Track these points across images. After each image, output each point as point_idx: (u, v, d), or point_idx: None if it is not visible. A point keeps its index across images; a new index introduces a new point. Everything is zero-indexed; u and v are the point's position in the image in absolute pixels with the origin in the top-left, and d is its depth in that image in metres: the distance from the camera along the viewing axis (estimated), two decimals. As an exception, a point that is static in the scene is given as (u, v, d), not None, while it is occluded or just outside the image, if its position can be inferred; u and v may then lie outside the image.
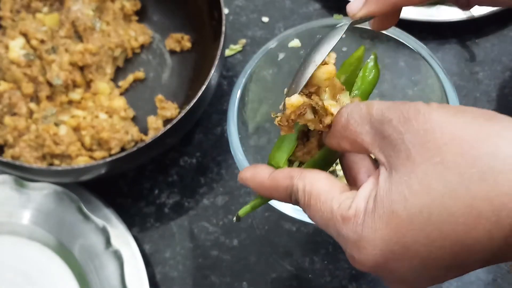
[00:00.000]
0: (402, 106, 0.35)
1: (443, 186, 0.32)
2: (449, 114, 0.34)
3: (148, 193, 0.69)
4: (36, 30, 0.69)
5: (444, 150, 0.33)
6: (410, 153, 0.34)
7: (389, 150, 0.35)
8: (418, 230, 0.33)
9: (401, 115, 0.35)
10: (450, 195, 0.32)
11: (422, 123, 0.34)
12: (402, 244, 0.34)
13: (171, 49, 0.75)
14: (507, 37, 0.74)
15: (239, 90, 0.57)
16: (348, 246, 0.36)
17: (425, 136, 0.33)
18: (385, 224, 0.34)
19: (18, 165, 0.60)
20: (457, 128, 0.33)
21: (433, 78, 0.57)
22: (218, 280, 0.64)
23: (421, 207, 0.33)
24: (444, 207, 0.32)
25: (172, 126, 0.60)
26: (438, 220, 0.33)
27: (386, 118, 0.35)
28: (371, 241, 0.35)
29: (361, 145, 0.37)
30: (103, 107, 0.69)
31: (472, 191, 0.32)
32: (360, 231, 0.35)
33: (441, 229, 0.33)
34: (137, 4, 0.76)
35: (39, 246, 0.63)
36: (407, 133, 0.34)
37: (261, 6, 0.78)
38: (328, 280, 0.64)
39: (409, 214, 0.33)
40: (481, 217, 0.32)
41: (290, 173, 0.40)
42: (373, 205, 0.35)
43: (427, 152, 0.33)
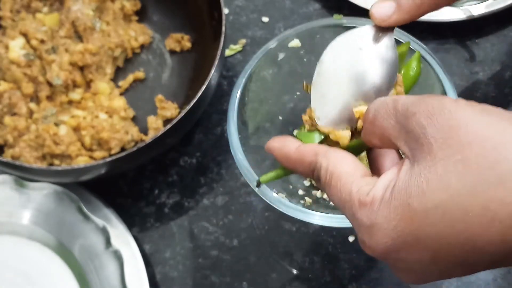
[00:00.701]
0: (428, 100, 0.35)
1: (462, 184, 0.32)
2: (475, 113, 0.34)
3: (148, 193, 0.69)
4: (36, 30, 0.69)
5: (466, 148, 0.33)
6: (432, 147, 0.34)
7: (412, 143, 0.35)
8: (431, 225, 0.33)
9: (426, 109, 0.35)
10: (467, 194, 0.32)
11: (447, 119, 0.34)
12: (414, 236, 0.34)
13: (171, 49, 0.75)
14: (507, 37, 0.74)
15: (239, 90, 0.57)
16: (360, 230, 0.37)
17: (449, 132, 0.33)
18: (399, 215, 0.34)
19: (18, 165, 0.60)
20: (481, 128, 0.33)
21: (433, 78, 0.57)
22: (218, 280, 0.64)
23: (437, 203, 0.33)
24: (460, 206, 0.32)
25: (172, 126, 0.60)
26: (453, 217, 0.33)
27: (410, 112, 0.35)
28: (383, 229, 0.35)
29: (388, 139, 0.38)
30: (103, 107, 0.69)
31: (490, 193, 0.32)
32: (374, 218, 0.35)
33: (455, 227, 0.33)
34: (137, 4, 0.76)
35: (39, 246, 0.63)
36: (430, 127, 0.34)
37: (261, 6, 0.78)
38: (328, 280, 0.64)
39: (425, 208, 0.33)
40: (495, 220, 0.32)
41: (316, 150, 0.41)
42: (390, 194, 0.35)
43: (449, 149, 0.33)
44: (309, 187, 0.63)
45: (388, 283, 0.63)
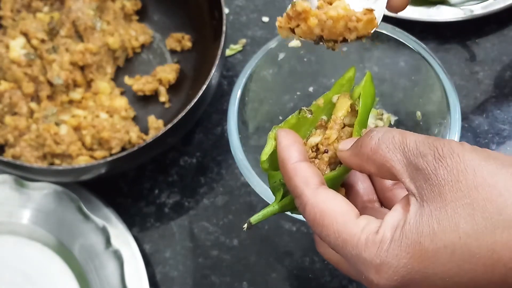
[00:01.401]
0: (437, 143, 0.37)
1: (470, 227, 0.34)
2: (481, 158, 0.36)
3: (148, 193, 0.69)
4: (36, 29, 0.69)
5: (474, 193, 0.35)
6: (443, 189, 0.35)
7: (421, 182, 0.36)
8: (439, 264, 0.35)
9: (436, 152, 0.36)
10: (475, 237, 0.34)
11: (456, 163, 0.35)
12: (422, 274, 0.36)
13: (172, 49, 0.75)
14: (507, 37, 0.74)
15: (239, 90, 0.57)
16: (367, 269, 0.37)
17: (457, 175, 0.35)
18: (411, 253, 0.36)
19: (19, 164, 0.60)
20: (488, 174, 0.35)
21: (433, 78, 0.57)
22: (218, 280, 0.64)
23: (446, 243, 0.35)
24: (468, 247, 0.34)
25: (172, 126, 0.60)
26: (460, 258, 0.35)
27: (422, 152, 0.37)
28: (393, 267, 0.36)
29: (389, 171, 0.38)
30: (103, 106, 0.69)
31: (496, 237, 0.34)
32: (384, 256, 0.36)
33: (461, 267, 0.35)
34: (137, 4, 0.76)
35: (39, 246, 0.63)
36: (441, 170, 0.36)
37: (261, 6, 0.78)
38: (328, 280, 0.64)
39: (435, 248, 0.35)
40: (499, 262, 0.34)
41: (308, 179, 0.41)
42: (400, 233, 0.36)
43: (458, 192, 0.35)
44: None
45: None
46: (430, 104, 0.59)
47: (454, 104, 0.55)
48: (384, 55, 0.61)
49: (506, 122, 0.70)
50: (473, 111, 0.70)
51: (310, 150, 0.45)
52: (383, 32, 0.58)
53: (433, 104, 0.58)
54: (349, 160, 0.42)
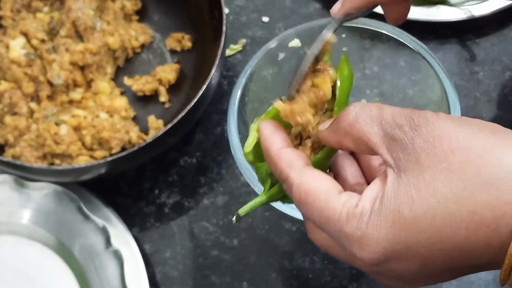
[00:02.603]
0: (412, 114, 0.37)
1: (449, 191, 0.34)
2: (456, 124, 0.35)
3: (148, 193, 0.69)
4: (36, 29, 0.69)
5: (450, 156, 0.34)
6: (420, 157, 0.35)
7: (398, 152, 0.36)
8: (421, 232, 0.34)
9: (412, 121, 0.36)
10: (455, 200, 0.34)
11: (431, 131, 0.35)
12: (404, 244, 0.35)
13: (172, 49, 0.75)
14: (507, 37, 0.74)
15: (239, 90, 0.57)
16: (350, 243, 0.37)
17: (433, 142, 0.35)
18: (390, 223, 0.35)
19: (19, 164, 0.60)
20: (464, 138, 0.35)
21: (433, 78, 0.57)
22: (218, 280, 0.64)
23: (426, 209, 0.34)
24: (448, 211, 0.34)
25: (172, 126, 0.60)
26: (441, 223, 0.34)
27: (398, 123, 0.37)
28: (374, 239, 0.36)
29: (366, 144, 0.38)
30: (103, 106, 0.69)
31: (476, 198, 0.33)
32: (365, 228, 0.36)
33: (443, 232, 0.34)
34: (137, 4, 0.76)
35: (39, 246, 0.63)
36: (417, 139, 0.35)
37: (261, 6, 0.78)
38: (328, 280, 0.64)
39: (415, 215, 0.34)
40: (482, 224, 0.33)
41: (293, 162, 0.41)
42: (379, 204, 0.36)
43: (434, 157, 0.34)
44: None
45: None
46: (430, 104, 0.59)
47: (454, 104, 0.55)
48: (384, 55, 0.61)
49: (506, 122, 0.70)
50: (473, 111, 0.70)
51: (294, 138, 0.45)
52: (383, 32, 0.58)
53: (433, 104, 0.58)
54: (328, 138, 0.41)
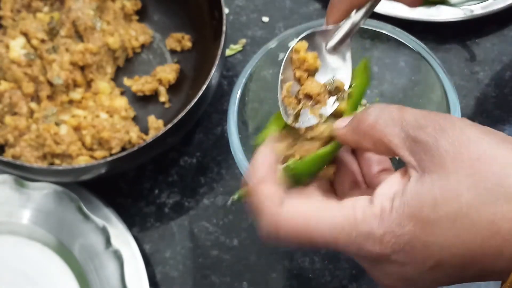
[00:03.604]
0: (438, 117, 0.37)
1: (472, 197, 0.34)
2: (482, 132, 0.36)
3: (148, 193, 0.69)
4: (36, 29, 0.69)
5: (476, 164, 0.35)
6: (445, 160, 0.36)
7: (421, 154, 0.37)
8: (440, 234, 0.35)
9: (437, 124, 0.37)
10: (477, 207, 0.34)
11: (458, 135, 0.36)
12: (423, 242, 0.36)
13: (172, 49, 0.75)
14: (507, 37, 0.74)
15: (239, 90, 0.57)
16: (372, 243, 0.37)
17: (459, 147, 0.36)
18: (413, 221, 0.36)
19: (19, 164, 0.60)
20: (489, 146, 0.35)
21: (433, 78, 0.57)
22: (218, 280, 0.64)
23: (448, 212, 0.35)
24: (469, 217, 0.35)
25: (172, 126, 0.60)
26: (461, 227, 0.35)
27: (422, 124, 0.37)
28: (397, 235, 0.36)
29: (386, 146, 0.39)
30: (103, 106, 0.69)
31: (497, 208, 0.34)
32: (388, 226, 0.36)
33: (461, 237, 0.35)
34: (137, 4, 0.76)
35: (39, 246, 0.63)
36: (442, 141, 0.36)
37: (261, 6, 0.78)
38: (328, 280, 0.64)
39: (437, 216, 0.35)
40: (498, 233, 0.34)
41: (272, 196, 0.40)
42: (400, 202, 0.36)
43: (461, 163, 0.35)
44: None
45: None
46: (430, 104, 0.59)
47: (454, 104, 0.55)
48: (384, 55, 0.61)
49: (506, 122, 0.70)
50: (473, 111, 0.70)
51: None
52: (383, 32, 0.58)
53: (433, 104, 0.58)
54: (345, 137, 0.42)
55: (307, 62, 0.45)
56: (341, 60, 0.47)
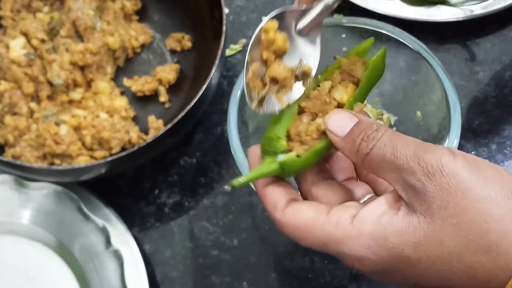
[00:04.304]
0: (427, 158, 0.37)
1: (453, 246, 0.37)
2: (472, 179, 0.37)
3: (148, 193, 0.69)
4: (36, 29, 0.69)
5: (461, 215, 0.36)
6: (432, 206, 0.37)
7: (411, 195, 0.38)
8: (418, 272, 0.38)
9: (425, 168, 0.37)
10: (457, 255, 0.37)
11: (445, 183, 0.37)
12: (400, 273, 0.39)
13: (172, 49, 0.75)
14: (507, 37, 0.74)
15: (239, 90, 0.57)
16: (350, 261, 0.40)
17: (446, 195, 0.37)
18: (391, 256, 0.38)
19: (19, 164, 0.60)
20: (476, 199, 0.36)
21: (433, 78, 0.57)
22: (218, 280, 0.64)
23: (429, 255, 0.37)
24: (448, 262, 0.37)
25: (172, 126, 0.60)
26: (440, 269, 0.37)
27: (412, 168, 0.38)
28: (375, 263, 0.39)
29: (382, 175, 0.40)
30: (103, 106, 0.69)
31: (476, 257, 0.36)
32: (365, 252, 0.38)
33: (439, 276, 0.38)
34: (137, 4, 0.76)
35: (39, 246, 0.63)
36: (430, 187, 0.37)
37: (261, 6, 0.78)
38: (328, 280, 0.64)
39: (418, 257, 0.37)
40: (475, 277, 0.37)
41: (275, 203, 0.42)
42: (382, 233, 0.38)
43: (446, 211, 0.37)
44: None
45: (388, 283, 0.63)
46: (430, 104, 0.59)
47: (454, 104, 0.55)
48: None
49: (506, 122, 0.70)
50: (473, 111, 0.70)
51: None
52: (383, 32, 0.58)
53: (433, 104, 0.58)
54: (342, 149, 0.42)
55: (276, 43, 0.44)
56: (311, 44, 0.45)
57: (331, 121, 0.42)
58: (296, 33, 0.45)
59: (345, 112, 0.42)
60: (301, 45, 0.45)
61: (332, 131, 0.42)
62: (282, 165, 0.43)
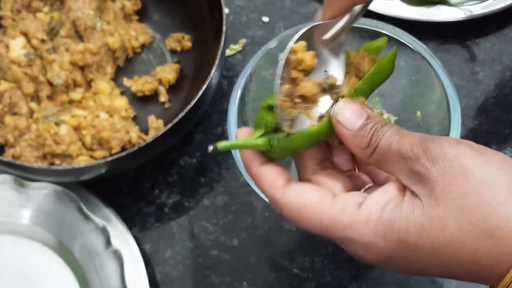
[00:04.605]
0: (431, 145, 0.38)
1: (457, 229, 0.36)
2: (475, 164, 0.37)
3: (148, 193, 0.69)
4: (36, 29, 0.69)
5: (464, 198, 0.36)
6: (436, 190, 0.37)
7: (415, 180, 0.38)
8: (422, 257, 0.38)
9: (429, 154, 0.38)
10: (460, 239, 0.36)
11: (448, 167, 0.37)
12: (404, 260, 0.39)
13: (172, 49, 0.75)
14: (507, 37, 0.74)
15: (239, 90, 0.57)
16: (355, 247, 0.39)
17: (450, 179, 0.37)
18: (396, 240, 0.38)
19: (19, 164, 0.60)
20: (479, 182, 0.37)
21: (433, 78, 0.57)
22: (218, 280, 0.64)
23: (433, 240, 0.37)
24: (451, 247, 0.37)
25: (172, 126, 0.60)
26: (443, 255, 0.37)
27: (416, 154, 0.38)
28: (381, 248, 0.38)
29: (387, 169, 0.40)
30: (103, 106, 0.69)
31: (479, 242, 0.36)
32: (372, 236, 0.38)
33: (441, 262, 0.37)
34: (137, 4, 0.76)
35: (39, 246, 0.63)
36: (434, 171, 0.37)
37: (261, 6, 0.78)
38: (328, 280, 0.64)
39: (421, 241, 0.37)
40: (479, 263, 0.37)
41: (274, 182, 0.41)
42: (389, 217, 0.38)
43: (449, 194, 0.37)
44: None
45: (388, 283, 0.63)
46: (430, 104, 0.59)
47: (454, 104, 0.55)
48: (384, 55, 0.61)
49: (506, 122, 0.70)
50: (473, 111, 0.70)
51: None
52: (383, 32, 0.58)
53: (433, 104, 0.58)
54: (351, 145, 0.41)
55: (304, 62, 0.43)
56: (334, 55, 0.45)
57: (341, 113, 0.41)
58: (320, 45, 0.45)
59: (355, 104, 0.42)
60: (326, 57, 0.45)
61: (343, 123, 0.41)
62: (271, 140, 0.42)
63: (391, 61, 0.47)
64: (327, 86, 0.44)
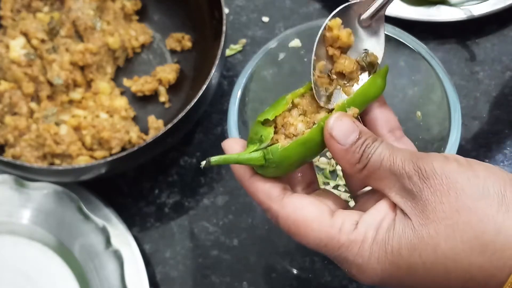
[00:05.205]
0: (421, 163, 0.38)
1: (449, 248, 0.37)
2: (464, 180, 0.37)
3: (148, 193, 0.69)
4: (36, 29, 0.69)
5: (455, 215, 0.36)
6: (426, 209, 0.37)
7: (407, 199, 0.38)
8: (416, 277, 0.38)
9: (420, 172, 0.38)
10: (453, 258, 0.37)
11: (439, 184, 0.37)
12: (398, 280, 0.39)
13: (172, 49, 0.75)
14: (507, 37, 0.74)
15: (239, 90, 0.57)
16: (349, 266, 0.40)
17: (440, 197, 0.37)
18: (389, 261, 0.38)
19: (19, 164, 0.60)
20: (469, 198, 0.37)
21: (433, 78, 0.57)
22: (218, 280, 0.64)
23: (424, 260, 0.37)
24: (444, 266, 0.37)
25: (172, 126, 0.60)
26: (436, 273, 0.37)
27: (408, 173, 0.38)
28: (374, 270, 0.39)
29: (377, 185, 0.40)
30: (103, 106, 0.69)
31: (471, 259, 0.36)
32: (366, 257, 0.39)
33: (435, 280, 0.38)
34: (137, 4, 0.76)
35: (39, 246, 0.63)
36: (425, 190, 0.37)
37: (261, 6, 0.78)
38: (328, 280, 0.64)
39: (414, 261, 0.37)
40: (472, 280, 0.37)
41: (270, 194, 0.42)
42: (383, 238, 0.38)
43: (441, 213, 0.37)
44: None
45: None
46: (430, 104, 0.59)
47: (454, 104, 0.55)
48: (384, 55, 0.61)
49: (506, 122, 0.70)
50: (473, 111, 0.70)
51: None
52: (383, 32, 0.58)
53: (433, 104, 0.58)
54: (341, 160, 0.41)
55: (340, 39, 0.44)
56: (374, 35, 0.45)
57: (335, 127, 0.40)
58: (359, 25, 0.45)
59: (348, 119, 0.41)
60: (365, 37, 0.45)
61: (336, 137, 0.40)
62: (265, 154, 0.42)
63: (382, 78, 0.47)
64: (366, 64, 0.44)
